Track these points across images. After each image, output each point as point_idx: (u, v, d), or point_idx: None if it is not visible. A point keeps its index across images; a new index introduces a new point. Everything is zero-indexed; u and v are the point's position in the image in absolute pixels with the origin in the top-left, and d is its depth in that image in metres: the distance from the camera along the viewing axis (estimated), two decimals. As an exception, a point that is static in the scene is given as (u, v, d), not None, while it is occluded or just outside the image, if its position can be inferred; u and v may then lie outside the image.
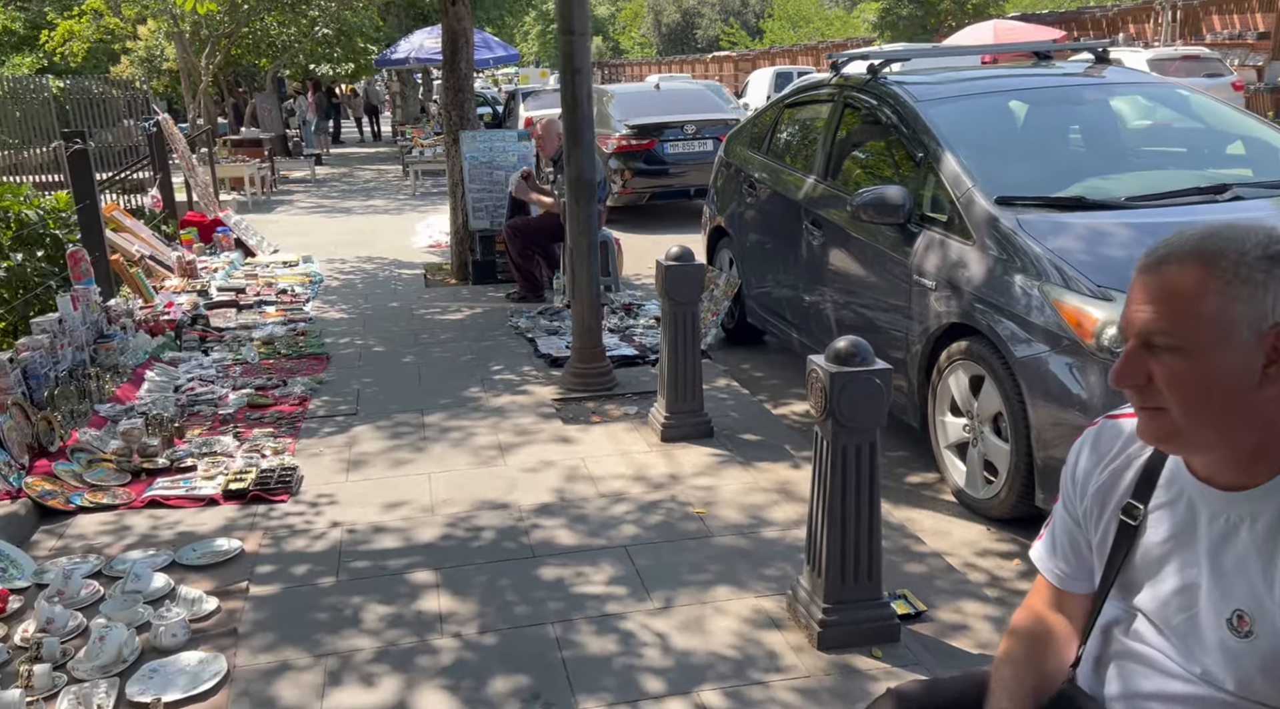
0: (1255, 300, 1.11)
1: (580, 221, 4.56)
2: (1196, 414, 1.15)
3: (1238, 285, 1.11)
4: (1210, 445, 1.18)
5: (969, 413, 3.49)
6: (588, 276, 4.60)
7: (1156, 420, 1.18)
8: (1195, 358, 1.13)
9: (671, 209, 10.82)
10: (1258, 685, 1.17)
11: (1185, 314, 1.13)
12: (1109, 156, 4.11)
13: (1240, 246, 1.12)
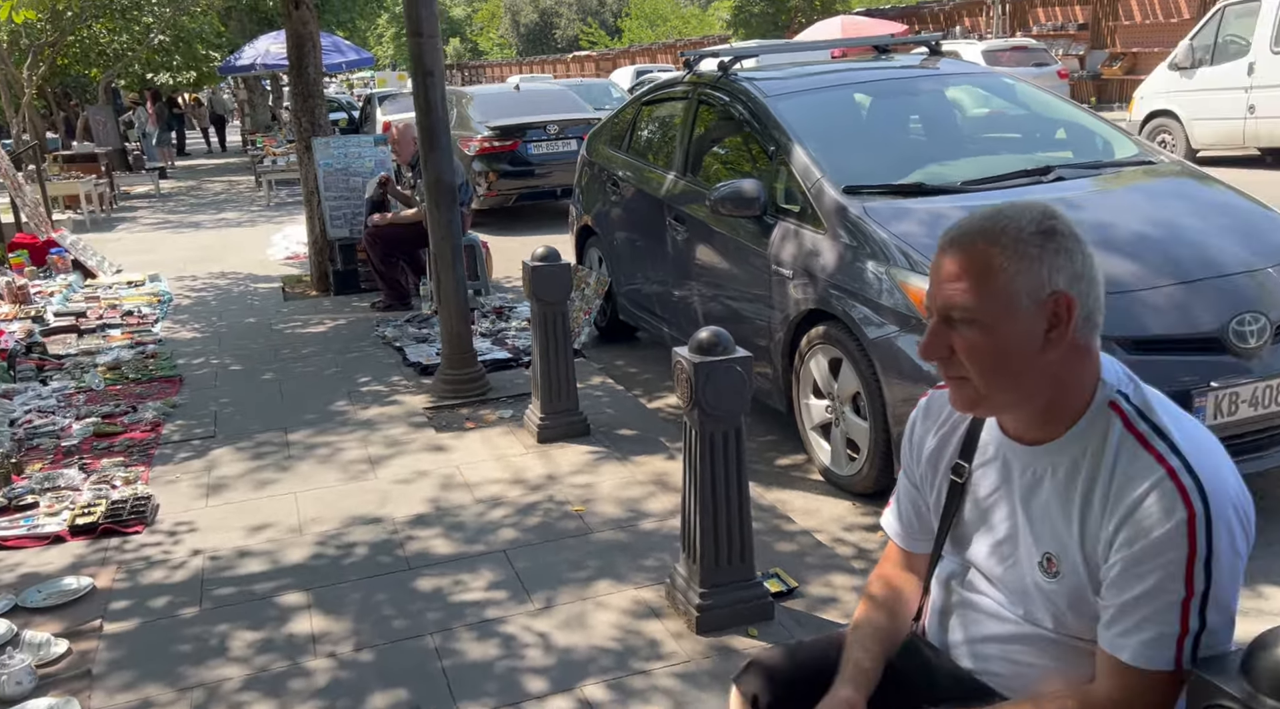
0: (1033, 272, 1.21)
1: (442, 226, 4.49)
2: (994, 380, 1.24)
3: (1017, 260, 1.21)
4: (1010, 406, 1.29)
5: (830, 394, 3.62)
6: (454, 281, 4.54)
7: (962, 389, 1.28)
8: (987, 329, 1.22)
9: (539, 210, 10.78)
10: (1070, 621, 1.28)
11: (976, 290, 1.22)
12: (946, 144, 4.34)
13: (1018, 225, 1.23)
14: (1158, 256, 3.15)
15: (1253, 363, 2.92)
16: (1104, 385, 1.27)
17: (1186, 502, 1.16)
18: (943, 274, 1.26)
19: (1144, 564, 1.17)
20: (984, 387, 1.25)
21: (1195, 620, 1.16)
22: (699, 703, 2.28)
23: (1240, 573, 1.20)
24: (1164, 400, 1.29)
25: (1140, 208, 3.48)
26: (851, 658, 1.43)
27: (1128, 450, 1.22)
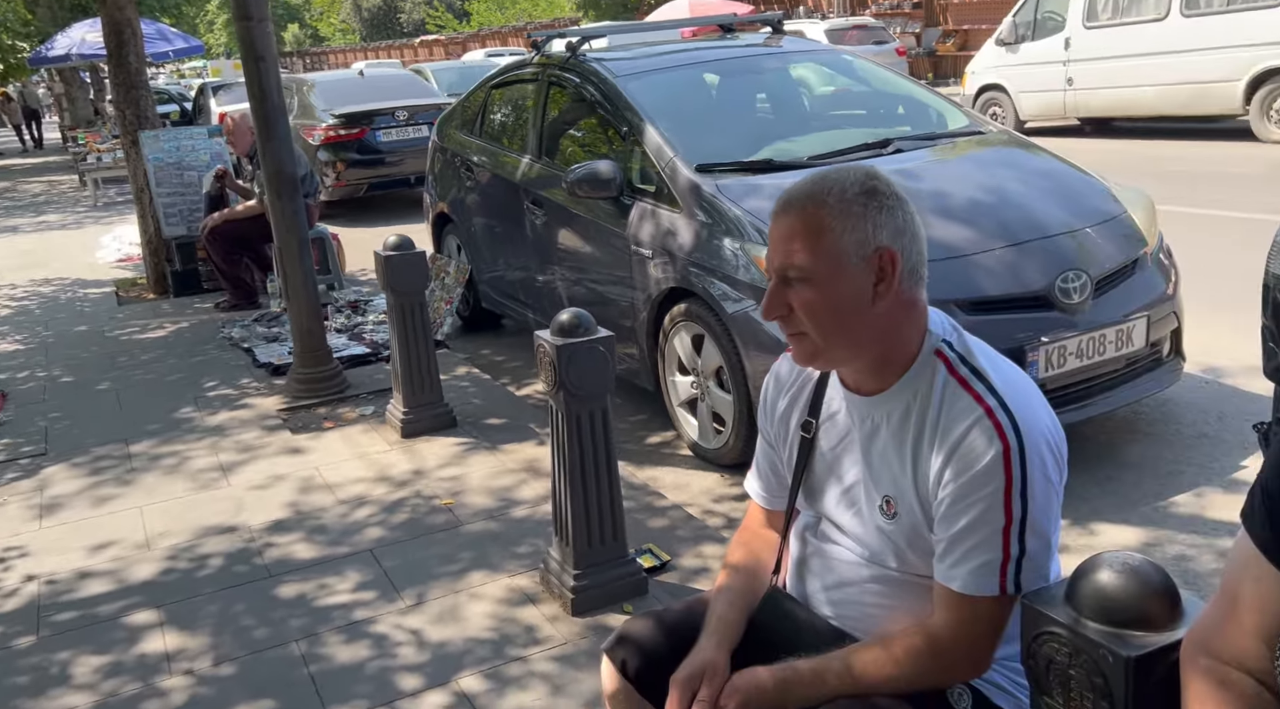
0: (858, 230, 1.28)
1: (286, 218, 4.29)
2: (829, 334, 1.31)
3: (843, 219, 1.28)
4: (846, 358, 1.36)
5: (695, 370, 3.67)
6: (302, 276, 4.35)
7: (801, 344, 1.34)
8: (820, 286, 1.29)
9: (393, 199, 10.48)
10: (911, 559, 1.36)
11: (808, 249, 1.29)
12: (792, 121, 4.45)
13: (842, 186, 1.30)
14: (989, 221, 3.33)
15: (1077, 317, 3.13)
16: (930, 335, 1.35)
17: (1002, 436, 1.25)
18: (777, 236, 1.32)
19: (968, 497, 1.26)
20: (821, 340, 1.32)
21: (1015, 546, 1.25)
22: (577, 683, 2.28)
23: (1055, 501, 1.30)
24: (983, 346, 1.38)
25: (972, 176, 3.66)
26: (716, 612, 1.47)
27: (951, 393, 1.30)
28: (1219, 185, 7.65)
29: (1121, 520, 2.98)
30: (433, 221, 5.91)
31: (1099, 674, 1.10)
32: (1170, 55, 10.19)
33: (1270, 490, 1.02)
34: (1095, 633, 1.11)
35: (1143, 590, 1.12)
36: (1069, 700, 1.15)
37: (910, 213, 1.32)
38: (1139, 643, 1.10)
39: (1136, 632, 1.11)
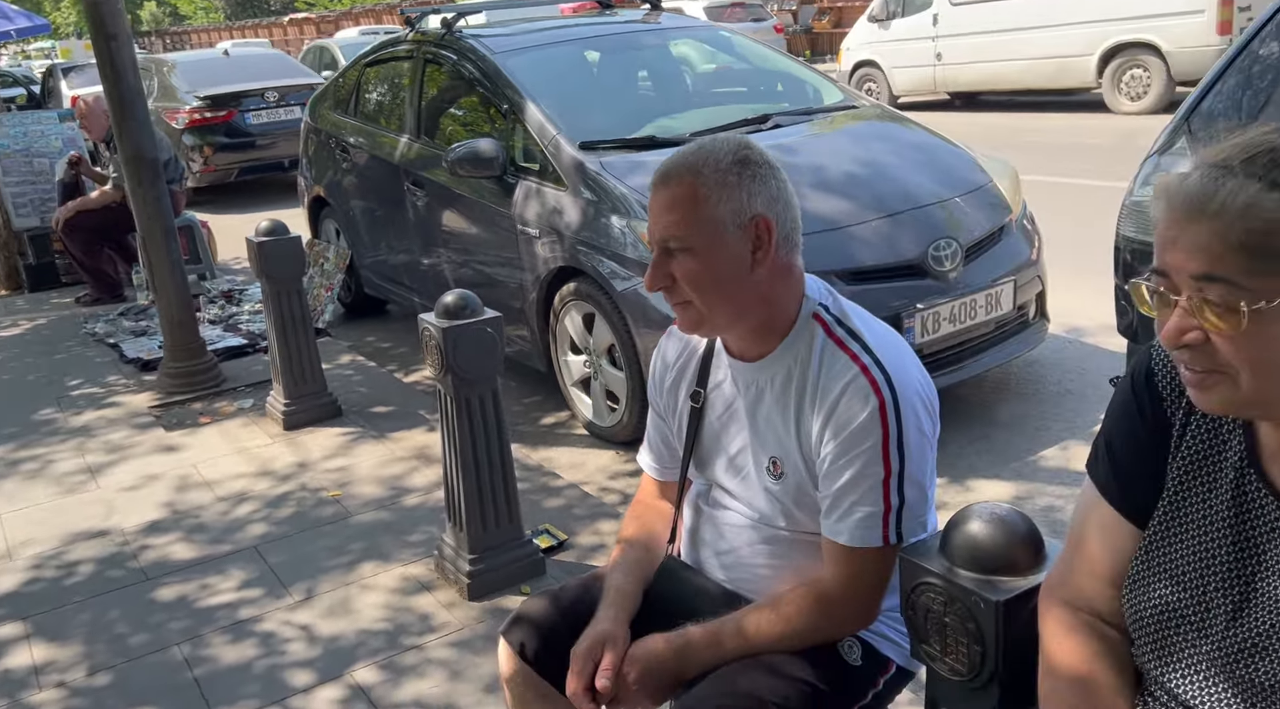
0: (734, 199, 1.31)
1: (149, 205, 4.07)
2: (712, 301, 1.34)
3: (719, 189, 1.30)
4: (729, 324, 1.39)
5: (587, 349, 3.67)
6: (169, 266, 4.14)
7: (686, 313, 1.37)
8: (701, 255, 1.31)
9: (266, 184, 10.07)
10: (799, 517, 1.41)
11: (686, 220, 1.31)
12: (674, 98, 4.47)
13: (716, 157, 1.32)
14: (865, 194, 3.42)
15: (949, 284, 3.27)
16: (807, 300, 1.39)
17: (877, 392, 1.30)
18: (657, 208, 1.34)
19: (849, 452, 1.30)
20: (705, 308, 1.34)
21: (895, 497, 1.31)
22: (476, 668, 2.26)
23: (929, 452, 1.36)
24: (858, 309, 1.43)
25: (847, 150, 3.76)
26: (613, 584, 1.48)
27: (829, 354, 1.35)
28: (1076, 155, 8.08)
29: (995, 476, 3.14)
30: (309, 206, 5.71)
31: (971, 620, 1.16)
32: (1030, 31, 10.68)
33: (1111, 440, 1.09)
34: (967, 580, 1.17)
35: (1009, 538, 1.18)
36: (945, 647, 1.20)
37: (783, 181, 1.35)
38: (1007, 587, 1.15)
39: (1005, 577, 1.17)
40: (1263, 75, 2.16)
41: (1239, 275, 0.83)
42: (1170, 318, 0.89)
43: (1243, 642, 0.94)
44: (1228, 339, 0.85)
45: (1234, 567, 0.96)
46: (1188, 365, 0.90)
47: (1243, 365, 0.86)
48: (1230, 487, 0.97)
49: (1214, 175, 0.86)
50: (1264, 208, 0.83)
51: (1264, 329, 0.84)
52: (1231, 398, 0.88)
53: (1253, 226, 0.83)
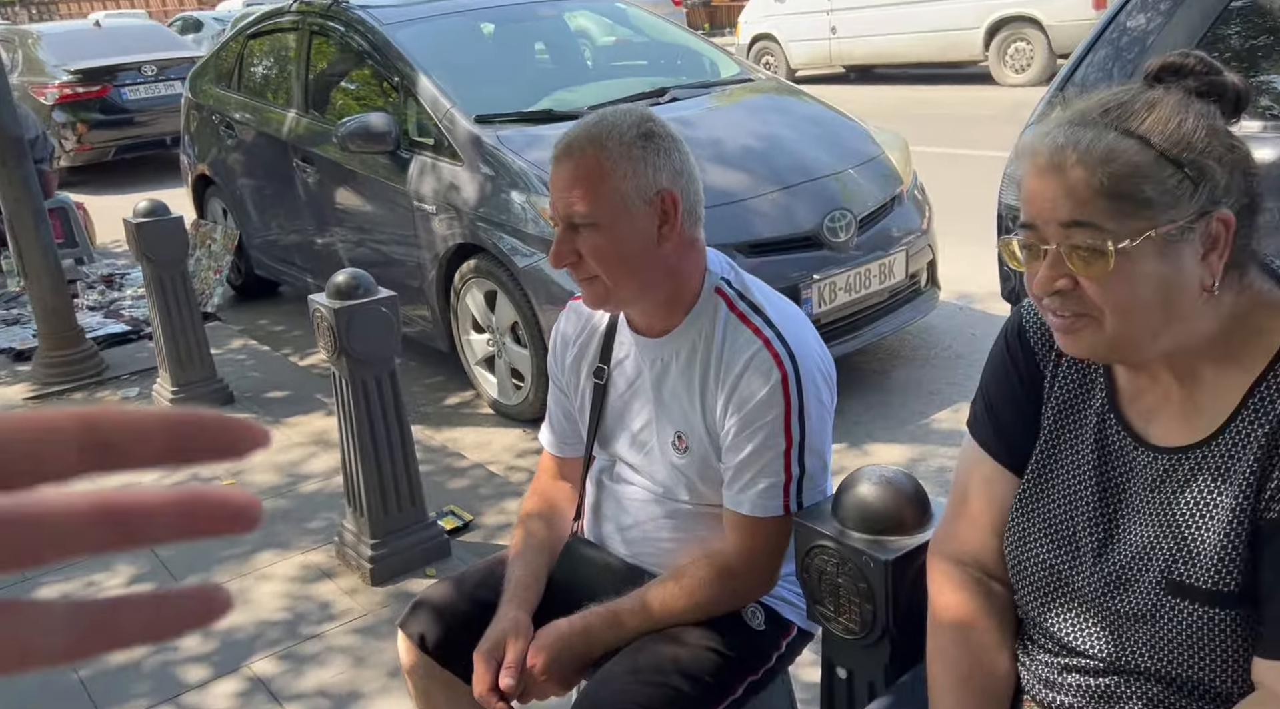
0: (639, 173, 1.29)
1: (15, 186, 3.82)
2: (618, 276, 1.32)
3: (624, 163, 1.29)
4: (635, 299, 1.38)
5: (490, 327, 3.62)
6: (41, 250, 3.91)
7: (592, 288, 1.35)
8: (607, 230, 1.29)
9: (148, 162, 9.57)
10: (702, 490, 1.42)
11: (591, 194, 1.28)
12: (571, 70, 4.42)
13: (620, 130, 1.30)
14: (761, 166, 3.46)
15: (844, 254, 3.34)
16: (710, 274, 1.39)
17: (780, 365, 1.32)
18: (560, 183, 1.31)
19: (752, 425, 1.32)
20: (611, 283, 1.33)
21: (796, 467, 1.33)
22: (380, 653, 2.23)
23: (828, 423, 1.39)
24: (759, 283, 1.44)
25: (744, 123, 3.79)
26: (513, 577, 1.46)
27: (732, 328, 1.35)
28: (964, 126, 8.34)
29: (891, 439, 3.24)
30: (193, 185, 5.46)
31: (863, 579, 1.19)
32: (920, 5, 10.93)
33: (988, 395, 1.13)
34: (858, 541, 1.20)
35: (897, 499, 1.22)
36: (839, 607, 1.24)
37: (686, 153, 1.35)
38: (895, 546, 1.19)
39: (893, 537, 1.21)
40: (1130, 47, 2.26)
41: (1103, 218, 0.88)
42: (1040, 268, 0.92)
43: (1108, 576, 0.99)
44: (1094, 281, 0.89)
45: (1099, 507, 1.02)
46: (1057, 312, 0.94)
47: (1107, 306, 0.90)
48: (1094, 430, 1.03)
49: (1072, 129, 0.91)
50: (1121, 152, 0.88)
51: (1127, 270, 0.88)
52: (1096, 340, 0.93)
53: (1113, 171, 0.88)
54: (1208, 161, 0.89)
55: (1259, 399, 0.92)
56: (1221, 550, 0.92)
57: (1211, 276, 0.91)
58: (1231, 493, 0.92)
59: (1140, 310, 0.90)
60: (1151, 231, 0.88)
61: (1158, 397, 0.99)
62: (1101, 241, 0.88)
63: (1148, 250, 0.88)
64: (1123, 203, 0.88)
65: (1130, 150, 0.88)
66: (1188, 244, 0.89)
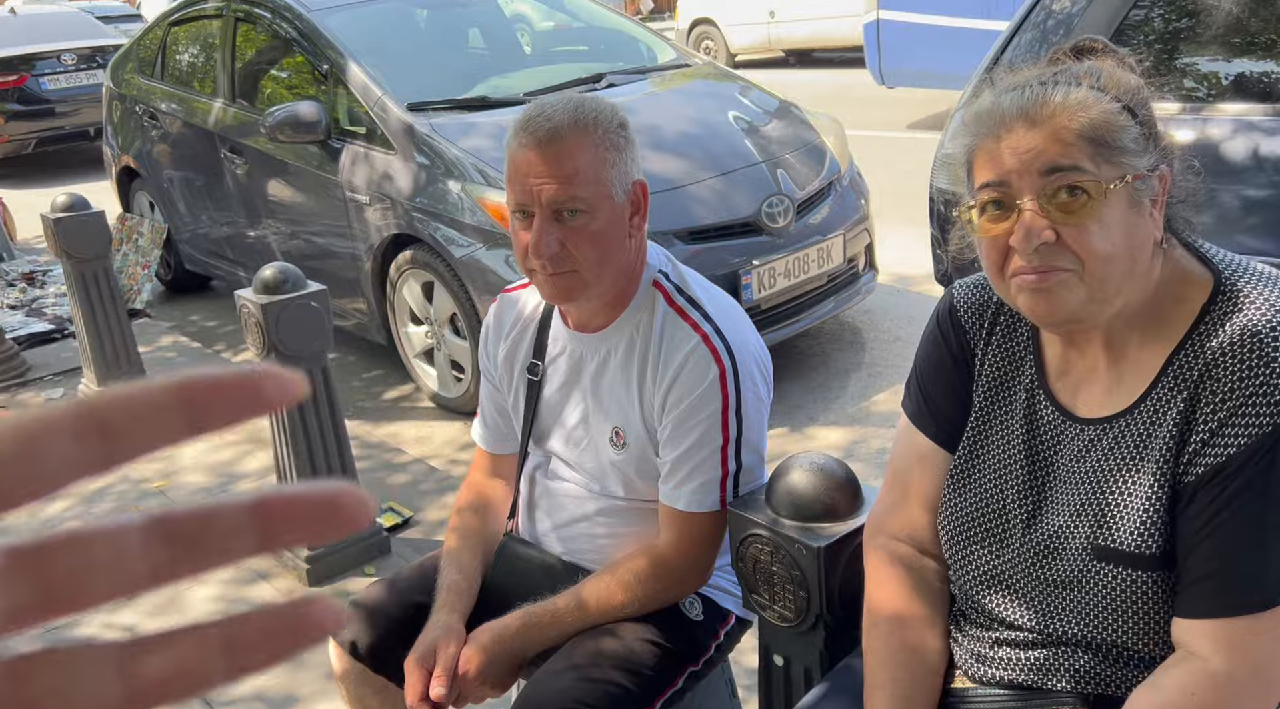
0: (622, 162, 1.27)
1: (-78, 180, 3.65)
2: (600, 267, 1.28)
3: (610, 151, 1.26)
4: (603, 293, 1.33)
5: (428, 319, 3.56)
6: (-47, 247, 3.75)
7: (565, 281, 1.28)
8: (594, 217, 1.25)
9: (70, 155, 9.25)
10: (639, 486, 1.40)
11: (584, 180, 1.24)
12: (507, 56, 4.36)
13: (604, 118, 1.27)
14: (700, 152, 3.45)
15: (783, 239, 3.34)
16: (648, 268, 1.37)
17: (718, 360, 1.30)
18: (545, 170, 1.23)
19: (690, 419, 1.30)
20: (591, 275, 1.27)
21: (733, 462, 1.32)
22: (316, 655, 2.17)
23: (765, 417, 1.38)
24: (696, 276, 1.42)
25: (682, 109, 3.77)
26: (446, 581, 1.43)
27: (671, 322, 1.33)
28: (901, 110, 8.43)
29: (832, 423, 3.26)
30: (117, 177, 5.29)
31: (796, 567, 1.19)
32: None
33: (921, 374, 1.14)
34: (791, 529, 1.20)
35: (828, 485, 1.23)
36: (774, 595, 1.23)
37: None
38: (827, 533, 1.20)
39: (825, 524, 1.21)
40: (1055, 29, 2.29)
41: (1085, 161, 0.89)
42: (1018, 223, 0.91)
43: (1037, 546, 1.01)
44: (1078, 228, 0.90)
45: (1028, 479, 1.04)
46: (1034, 270, 0.92)
47: (1087, 255, 0.90)
48: (1023, 406, 1.05)
49: (1037, 87, 0.92)
50: (1094, 101, 0.91)
51: (1106, 216, 0.90)
52: (1073, 297, 0.92)
53: (1092, 118, 0.90)
54: (1154, 118, 0.94)
55: (1177, 368, 0.94)
56: (1143, 514, 0.94)
57: (1159, 231, 0.94)
58: (1152, 458, 0.94)
59: (1117, 259, 0.91)
60: (1127, 176, 0.90)
61: (1084, 370, 1.01)
62: (1085, 182, 0.89)
63: (1123, 197, 0.90)
64: (1101, 148, 0.90)
65: (1102, 100, 0.91)
66: (1146, 195, 0.92)
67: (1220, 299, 0.94)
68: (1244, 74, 1.98)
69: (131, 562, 0.23)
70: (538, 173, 1.24)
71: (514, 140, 1.25)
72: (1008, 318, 1.09)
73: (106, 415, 0.23)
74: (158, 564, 0.23)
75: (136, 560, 0.23)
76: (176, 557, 0.24)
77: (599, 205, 1.25)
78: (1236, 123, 1.89)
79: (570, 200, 1.24)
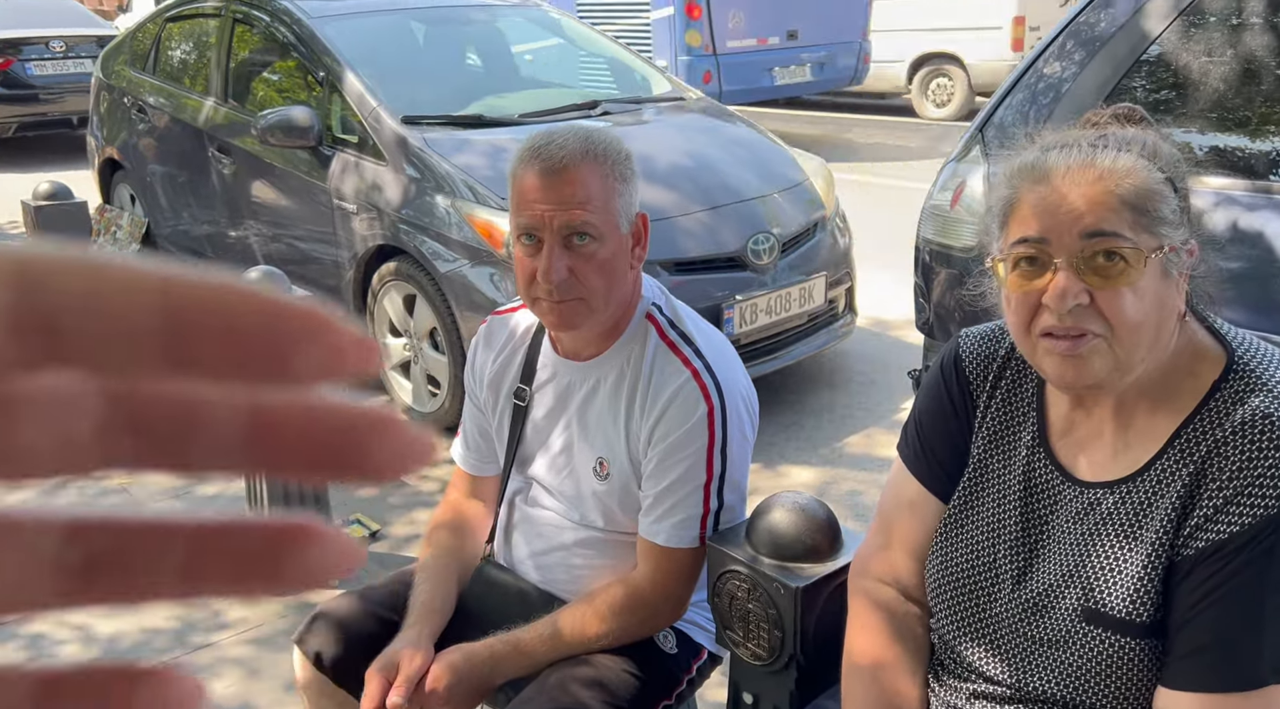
0: (629, 193, 1.29)
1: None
2: (606, 296, 1.29)
3: (619, 182, 1.28)
4: (605, 321, 1.33)
5: (407, 332, 3.55)
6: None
7: (571, 309, 1.28)
8: (603, 245, 1.26)
9: (51, 142, 9.15)
10: (619, 517, 1.40)
11: (595, 207, 1.25)
12: (503, 76, 4.39)
13: (614, 148, 1.29)
14: (690, 185, 3.49)
15: (766, 276, 3.38)
16: (643, 300, 1.38)
17: (707, 397, 1.31)
18: (558, 195, 1.24)
19: (675, 455, 1.31)
20: (598, 302, 1.28)
21: (715, 500, 1.33)
22: (275, 665, 2.15)
23: (748, 456, 1.39)
24: (689, 311, 1.43)
25: (674, 141, 3.81)
26: (420, 598, 1.41)
27: (662, 356, 1.34)
28: (886, 156, 8.57)
29: (805, 462, 3.28)
30: (99, 168, 5.23)
31: (772, 606, 1.20)
32: (849, 37, 11.21)
33: (920, 421, 1.16)
34: (769, 568, 1.21)
35: (809, 526, 1.24)
36: (748, 633, 1.24)
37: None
38: (806, 574, 1.20)
39: (804, 564, 1.22)
40: (1046, 92, 2.35)
41: (1126, 229, 0.90)
42: (1053, 282, 0.92)
43: (1026, 603, 1.02)
44: (1113, 294, 0.91)
45: (1021, 535, 1.04)
46: (1067, 333, 0.92)
47: (1118, 322, 0.91)
48: (1023, 462, 1.06)
49: (1086, 148, 0.94)
50: (1139, 169, 0.92)
51: (1141, 285, 0.91)
52: (1103, 364, 0.92)
53: (1135, 185, 0.91)
54: (1189, 193, 0.95)
55: (1185, 440, 0.95)
56: (1137, 582, 0.95)
57: (1183, 304, 0.95)
58: (1152, 528, 0.95)
59: (1145, 329, 0.92)
60: (1165, 247, 0.91)
61: (1088, 432, 1.02)
62: (1124, 249, 0.90)
63: (1157, 267, 0.91)
64: (1142, 217, 0.91)
65: (1146, 169, 0.92)
66: (1176, 267, 0.93)
67: (1232, 377, 0.95)
68: (1225, 148, 2.05)
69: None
70: (549, 199, 1.24)
71: (522, 167, 1.26)
72: (1014, 373, 1.09)
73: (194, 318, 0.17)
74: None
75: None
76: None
77: (608, 234, 1.26)
78: (1218, 196, 1.95)
79: (582, 225, 1.24)
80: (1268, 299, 1.86)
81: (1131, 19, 2.16)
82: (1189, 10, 2.08)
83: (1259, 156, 1.98)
